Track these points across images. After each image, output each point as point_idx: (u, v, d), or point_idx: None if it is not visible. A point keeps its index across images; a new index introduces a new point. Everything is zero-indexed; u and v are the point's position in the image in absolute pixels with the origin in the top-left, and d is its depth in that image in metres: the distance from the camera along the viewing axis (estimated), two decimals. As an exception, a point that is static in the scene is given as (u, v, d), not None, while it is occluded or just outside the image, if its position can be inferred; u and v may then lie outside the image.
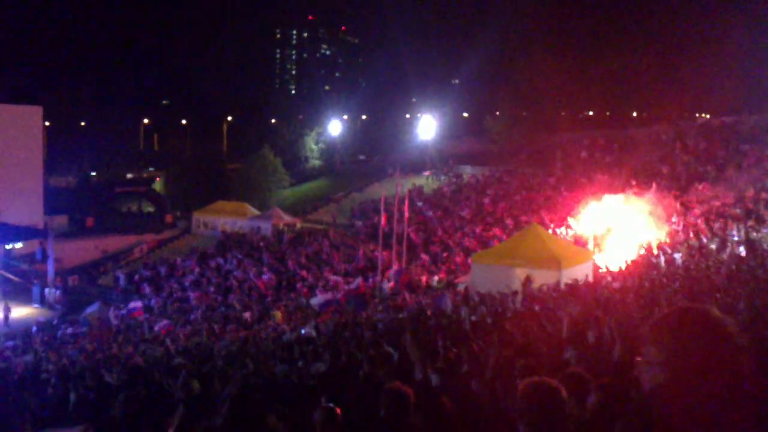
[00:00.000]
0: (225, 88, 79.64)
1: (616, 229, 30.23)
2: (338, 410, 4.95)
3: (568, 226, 34.41)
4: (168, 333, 25.86)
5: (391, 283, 30.41)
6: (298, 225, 47.08)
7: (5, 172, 45.43)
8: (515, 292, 21.05)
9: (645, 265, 24.70)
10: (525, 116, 58.12)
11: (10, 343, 27.16)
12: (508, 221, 38.20)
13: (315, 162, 71.58)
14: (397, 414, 4.48)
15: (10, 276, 38.11)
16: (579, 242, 30.91)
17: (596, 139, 50.27)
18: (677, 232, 28.75)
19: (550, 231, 31.91)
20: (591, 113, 64.75)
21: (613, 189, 32.73)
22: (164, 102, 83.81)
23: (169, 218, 56.77)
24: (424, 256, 34.65)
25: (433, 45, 75.70)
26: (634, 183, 35.37)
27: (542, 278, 23.51)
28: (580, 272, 24.72)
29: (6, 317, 32.42)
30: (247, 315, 28.48)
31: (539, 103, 56.10)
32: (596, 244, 30.24)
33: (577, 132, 56.35)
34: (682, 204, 31.72)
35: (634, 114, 65.32)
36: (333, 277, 33.07)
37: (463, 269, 31.42)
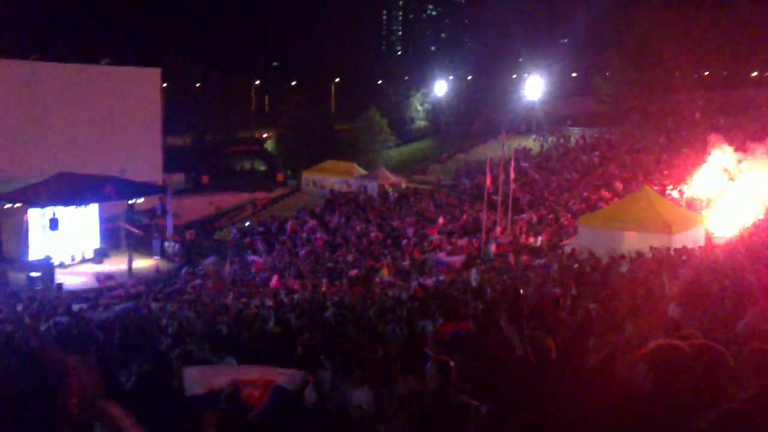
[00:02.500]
0: (333, 50, 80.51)
1: (732, 194, 29.15)
2: (452, 363, 4.94)
3: (681, 190, 33.44)
4: (280, 287, 26.98)
5: (495, 246, 30.52)
6: (404, 185, 47.64)
7: (127, 133, 47.74)
8: (622, 256, 20.86)
9: (764, 229, 23.86)
10: (636, 77, 56.14)
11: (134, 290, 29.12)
12: (617, 184, 37.43)
13: (420, 123, 71.78)
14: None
15: (133, 229, 40.33)
16: (691, 206, 30.05)
17: (712, 100, 48.21)
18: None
19: (662, 194, 31.09)
20: (707, 73, 61.69)
21: (728, 151, 31.42)
22: (274, 64, 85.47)
23: (280, 177, 58.62)
24: (529, 217, 34.53)
25: (540, 3, 73.71)
26: (751, 145, 33.87)
27: (652, 243, 23.09)
28: (691, 238, 24.17)
29: (129, 267, 34.51)
30: (353, 272, 29.31)
31: (652, 62, 54.02)
32: (709, 209, 29.32)
33: (692, 93, 54.03)
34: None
35: (754, 74, 61.93)
36: (436, 237, 33.48)
37: (569, 232, 31.16)
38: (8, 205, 33.72)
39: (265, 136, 74.09)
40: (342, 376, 6.45)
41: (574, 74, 70.67)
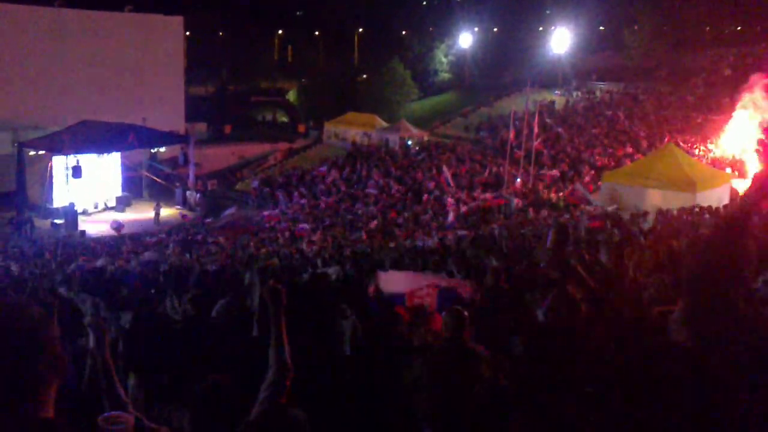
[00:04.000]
0: (356, -1, 79.47)
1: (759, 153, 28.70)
2: (465, 313, 5.05)
3: (707, 149, 32.97)
4: (303, 237, 27.11)
5: (517, 200, 30.36)
6: (426, 138, 47.35)
7: (149, 80, 47.68)
8: (645, 212, 20.69)
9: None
10: (666, 30, 54.93)
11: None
12: (642, 141, 36.97)
13: (444, 75, 70.87)
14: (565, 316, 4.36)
15: (155, 178, 40.58)
16: (717, 165, 29.65)
17: (743, 56, 47.14)
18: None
19: (687, 152, 30.66)
20: (739, 28, 60.10)
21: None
22: (298, 13, 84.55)
23: (301, 128, 58.49)
24: (552, 173, 34.26)
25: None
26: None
27: (676, 201, 22.88)
28: (716, 196, 23.92)
29: (157, 215, 34.86)
30: (373, 224, 29.36)
31: (682, 16, 52.76)
32: (736, 168, 28.92)
33: (722, 48, 52.79)
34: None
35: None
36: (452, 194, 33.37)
37: (592, 188, 30.92)
38: (32, 153, 34.01)
39: (287, 86, 73.68)
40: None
41: (602, 27, 69.30)
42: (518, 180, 33.18)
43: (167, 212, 36.02)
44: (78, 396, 3.85)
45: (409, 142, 45.85)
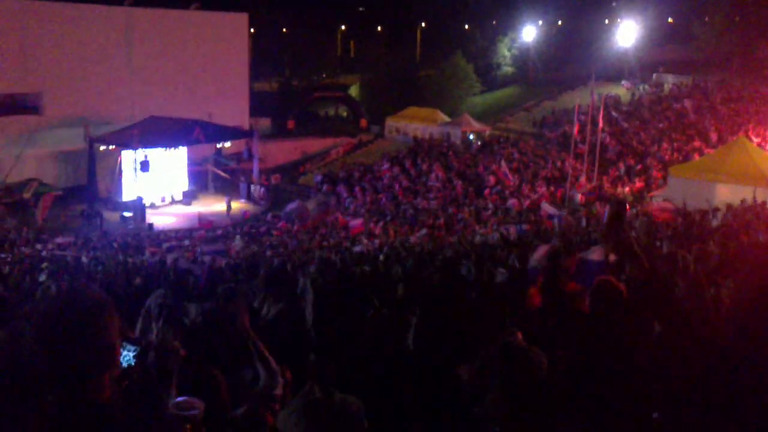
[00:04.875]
0: (419, -6, 79.17)
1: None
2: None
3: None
4: (361, 232, 27.21)
5: (581, 196, 29.93)
6: (488, 132, 47.00)
7: (215, 77, 48.50)
8: (716, 209, 20.11)
9: None
10: (738, 21, 53.24)
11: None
12: (712, 134, 35.95)
13: (507, 69, 70.14)
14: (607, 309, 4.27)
15: (221, 173, 41.30)
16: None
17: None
18: None
19: (761, 146, 29.69)
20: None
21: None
22: (360, 9, 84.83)
23: (363, 123, 58.70)
24: (618, 168, 33.62)
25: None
26: None
27: (746, 195, 22.15)
28: (790, 191, 23.09)
29: (229, 207, 35.70)
30: (433, 220, 29.28)
31: (755, 4, 50.99)
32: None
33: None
34: None
35: None
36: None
37: (657, 183, 30.24)
38: (103, 148, 35.05)
39: (350, 81, 74.02)
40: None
41: (670, 19, 67.57)
42: (582, 176, 32.66)
43: (233, 206, 36.66)
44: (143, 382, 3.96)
45: (471, 137, 45.59)
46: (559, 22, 73.07)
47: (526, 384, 4.72)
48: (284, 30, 74.52)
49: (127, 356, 3.21)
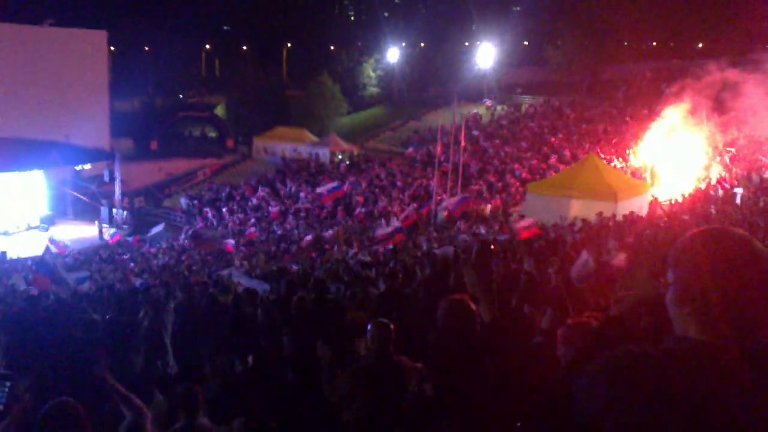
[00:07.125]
0: (285, 14, 79.22)
1: (674, 162, 29.88)
2: (392, 326, 5.02)
3: (626, 159, 34.13)
4: (234, 252, 26.89)
5: (446, 212, 30.79)
6: (355, 152, 47.59)
7: (72, 96, 46.49)
8: (572, 224, 21.33)
9: (703, 198, 24.62)
10: (587, 45, 56.73)
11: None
12: (566, 152, 38.03)
13: (373, 89, 71.28)
14: (458, 325, 4.37)
15: (81, 196, 39.68)
16: (636, 175, 30.73)
17: (659, 71, 49.16)
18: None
19: (609, 163, 31.69)
20: (654, 44, 62.52)
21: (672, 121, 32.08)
22: (225, 27, 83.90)
23: (230, 143, 57.99)
24: (479, 185, 34.89)
25: (494, -30, 73.52)
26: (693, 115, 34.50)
27: (598, 210, 23.61)
28: (636, 205, 24.76)
29: (100, 231, 34.31)
30: (308, 238, 29.32)
31: (602, 32, 54.61)
32: (653, 177, 30.03)
33: (640, 63, 55.01)
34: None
35: (700, 45, 62.80)
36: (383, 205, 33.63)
37: (518, 199, 31.61)
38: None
39: (215, 101, 72.93)
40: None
41: (525, 42, 70.95)
42: (445, 194, 33.65)
43: (94, 230, 35.24)
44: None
45: (339, 156, 46.04)
46: (422, 44, 75.08)
47: (387, 398, 4.89)
48: (146, 48, 72.57)
49: None
